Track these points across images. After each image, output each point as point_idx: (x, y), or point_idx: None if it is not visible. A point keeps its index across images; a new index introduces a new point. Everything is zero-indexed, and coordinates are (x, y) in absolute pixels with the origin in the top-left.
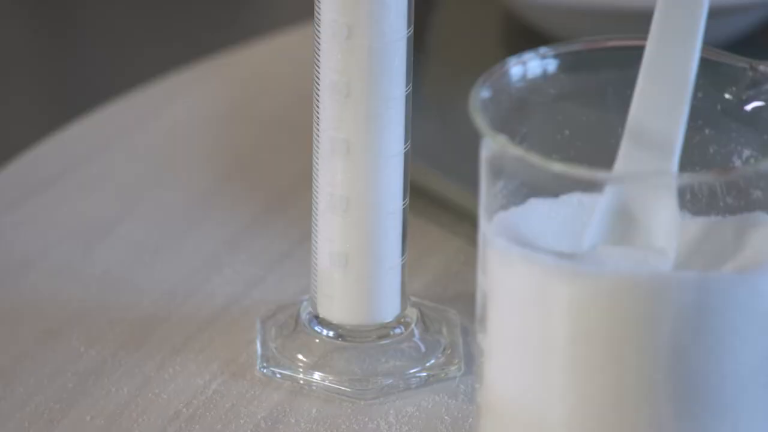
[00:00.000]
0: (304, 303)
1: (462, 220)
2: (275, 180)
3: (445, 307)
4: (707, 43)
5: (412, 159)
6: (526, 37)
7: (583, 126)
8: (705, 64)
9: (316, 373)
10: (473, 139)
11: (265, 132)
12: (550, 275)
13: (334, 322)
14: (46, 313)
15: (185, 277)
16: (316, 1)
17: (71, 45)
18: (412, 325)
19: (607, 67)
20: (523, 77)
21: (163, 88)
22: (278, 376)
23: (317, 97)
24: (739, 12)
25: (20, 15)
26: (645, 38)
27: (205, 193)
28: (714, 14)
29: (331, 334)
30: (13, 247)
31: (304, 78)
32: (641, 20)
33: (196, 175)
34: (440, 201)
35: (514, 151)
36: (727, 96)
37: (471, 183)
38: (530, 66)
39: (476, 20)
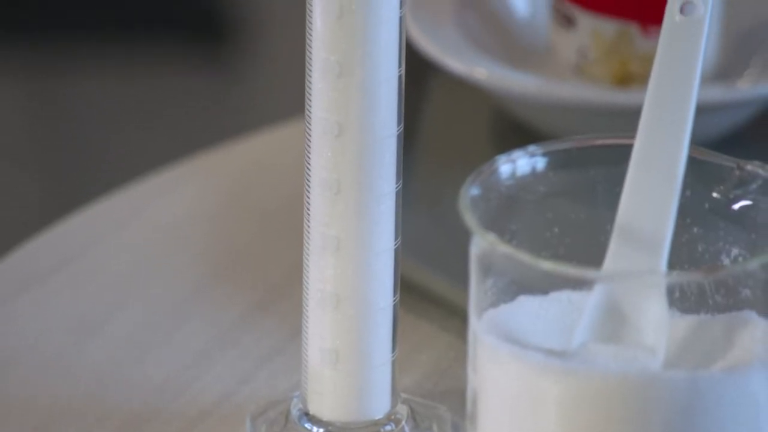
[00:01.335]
0: (295, 400)
1: (452, 316)
2: (266, 275)
3: (436, 403)
4: (695, 140)
5: (402, 255)
6: (515, 132)
7: (573, 223)
8: (693, 162)
9: None
10: (463, 235)
11: (257, 227)
12: (540, 373)
13: (325, 419)
14: (35, 409)
15: (175, 374)
16: (306, 99)
17: (65, 139)
18: (403, 422)
19: (596, 165)
20: (513, 175)
21: (155, 183)
22: None
23: (308, 193)
24: (725, 110)
25: (13, 108)
26: (633, 136)
27: (196, 288)
28: (701, 112)
29: (321, 431)
30: (3, 342)
31: (296, 173)
32: (630, 117)
33: (187, 270)
34: (430, 297)
35: (504, 248)
36: (715, 195)
37: (461, 279)
38: (519, 164)
39: (466, 116)
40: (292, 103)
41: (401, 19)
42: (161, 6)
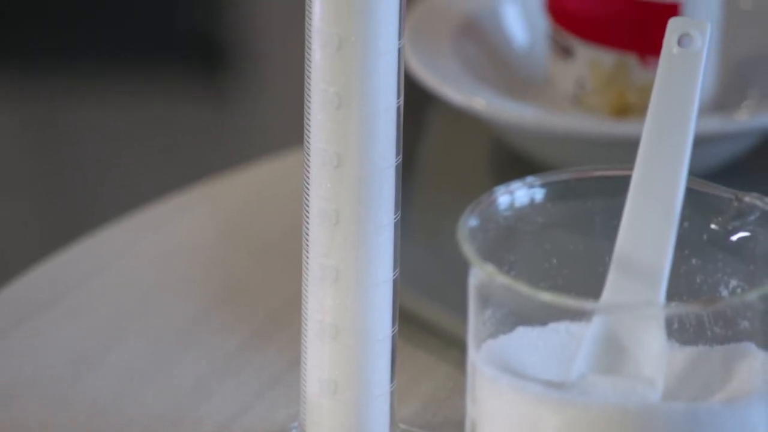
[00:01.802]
0: (294, 430)
1: (451, 346)
2: (265, 306)
3: None
4: (693, 171)
5: (400, 285)
6: (514, 163)
7: (571, 254)
8: (691, 194)
9: None
10: (462, 266)
11: (256, 257)
12: (538, 404)
13: None
14: None
15: (174, 404)
16: (305, 130)
17: (63, 168)
18: None
19: (594, 197)
20: (511, 206)
21: (154, 214)
22: None
23: (306, 224)
24: (723, 141)
25: (11, 135)
26: (631, 168)
27: (194, 318)
28: (699, 143)
29: None
30: (1, 373)
31: (295, 204)
32: (628, 147)
33: (186, 300)
34: (429, 327)
35: (502, 280)
36: (713, 226)
37: (460, 309)
38: (518, 195)
39: (465, 146)
40: (291, 133)
41: (400, 51)
42: (160, 34)
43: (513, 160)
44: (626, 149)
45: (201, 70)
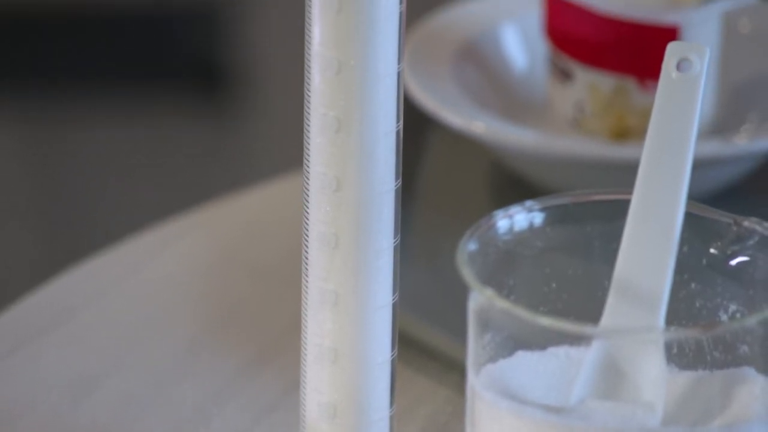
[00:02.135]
0: None
1: (450, 371)
2: (264, 330)
3: None
4: (691, 195)
5: (400, 309)
6: (514, 186)
7: (570, 278)
8: (690, 218)
9: None
10: (461, 290)
11: (255, 281)
12: (538, 429)
13: None
14: None
15: (173, 429)
16: (305, 153)
17: (62, 191)
18: None
19: (593, 221)
20: (510, 230)
21: (154, 238)
22: None
23: (306, 248)
24: (722, 165)
25: (9, 158)
26: (630, 192)
27: (194, 342)
28: (698, 167)
29: None
30: (0, 399)
31: (294, 227)
32: (627, 171)
33: (186, 324)
34: (428, 351)
35: (502, 304)
36: (712, 251)
37: (459, 333)
38: (517, 219)
39: (464, 169)
40: (290, 156)
41: (399, 75)
42: (161, 57)
43: (512, 183)
44: (625, 173)
45: (201, 93)
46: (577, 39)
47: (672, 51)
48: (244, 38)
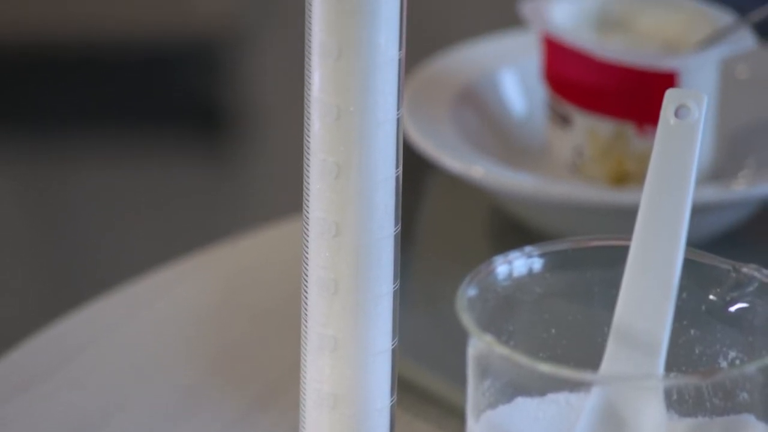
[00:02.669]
0: None
1: (450, 416)
2: (263, 374)
3: None
4: (690, 240)
5: (399, 354)
6: (513, 231)
7: (570, 324)
8: (689, 265)
9: None
10: (461, 335)
11: (254, 326)
12: None
13: None
14: None
15: None
16: (304, 198)
17: (61, 234)
18: None
19: (593, 267)
20: (510, 276)
21: (153, 282)
22: None
23: (305, 293)
24: (721, 210)
25: (9, 201)
26: (629, 238)
27: (193, 387)
28: (696, 212)
29: None
30: None
31: (293, 272)
32: (626, 216)
33: (186, 369)
34: (428, 396)
35: (501, 350)
36: (711, 297)
37: (459, 379)
38: (516, 265)
39: (464, 214)
40: (290, 200)
41: (399, 120)
42: (161, 101)
43: (512, 227)
44: (625, 218)
45: (200, 137)
46: (576, 84)
47: (670, 98)
48: (244, 82)
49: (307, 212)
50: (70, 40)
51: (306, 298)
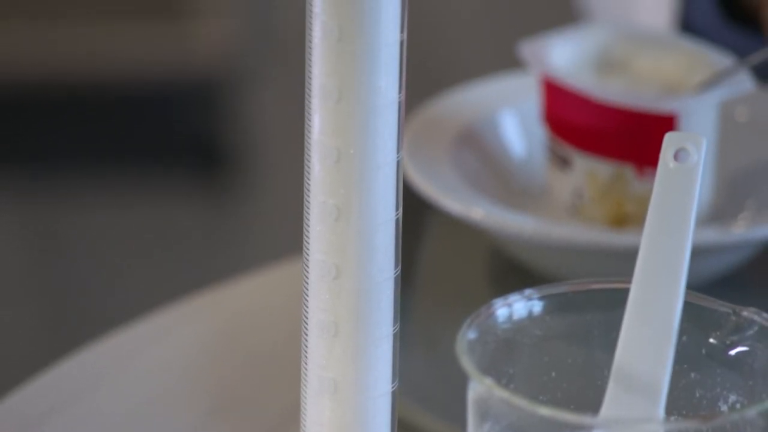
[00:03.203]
0: None
1: None
2: (263, 416)
3: None
4: (690, 283)
5: (399, 396)
6: (513, 272)
7: (570, 367)
8: (689, 308)
9: None
10: (461, 377)
11: (253, 368)
12: None
13: None
14: None
15: None
16: (304, 240)
17: (61, 276)
18: None
19: (592, 309)
20: (509, 318)
21: (151, 325)
22: None
23: (305, 335)
24: (720, 253)
25: (8, 242)
26: (629, 280)
27: (193, 429)
28: (696, 255)
29: None
30: None
31: (293, 314)
32: (626, 258)
33: (184, 411)
34: None
35: (501, 393)
36: (711, 340)
37: (459, 422)
38: (516, 307)
39: (463, 256)
40: (289, 242)
41: (398, 163)
42: (160, 141)
43: (512, 269)
44: (624, 260)
45: (200, 178)
46: (575, 126)
47: (669, 141)
48: (245, 122)
49: (308, 254)
50: (71, 79)
51: (306, 340)
